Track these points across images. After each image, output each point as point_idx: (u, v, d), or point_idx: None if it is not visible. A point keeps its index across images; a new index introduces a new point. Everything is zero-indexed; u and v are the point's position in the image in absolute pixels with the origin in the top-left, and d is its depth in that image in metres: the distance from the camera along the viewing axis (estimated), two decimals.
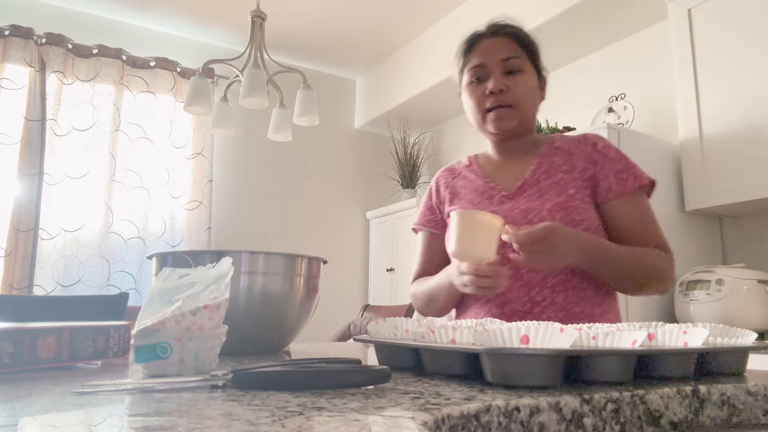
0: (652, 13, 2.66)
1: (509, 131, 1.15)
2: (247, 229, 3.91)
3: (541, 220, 1.06)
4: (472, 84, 1.16)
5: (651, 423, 0.51)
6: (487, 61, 1.14)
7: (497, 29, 1.18)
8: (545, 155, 1.18)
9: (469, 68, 1.17)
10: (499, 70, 1.13)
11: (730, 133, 2.06)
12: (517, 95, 1.12)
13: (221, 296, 0.63)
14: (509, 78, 1.12)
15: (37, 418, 0.38)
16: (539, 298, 1.06)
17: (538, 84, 1.17)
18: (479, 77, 1.15)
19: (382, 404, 0.42)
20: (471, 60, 1.17)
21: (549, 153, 1.18)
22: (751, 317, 1.90)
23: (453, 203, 1.24)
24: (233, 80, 2.53)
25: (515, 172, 1.18)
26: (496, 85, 1.11)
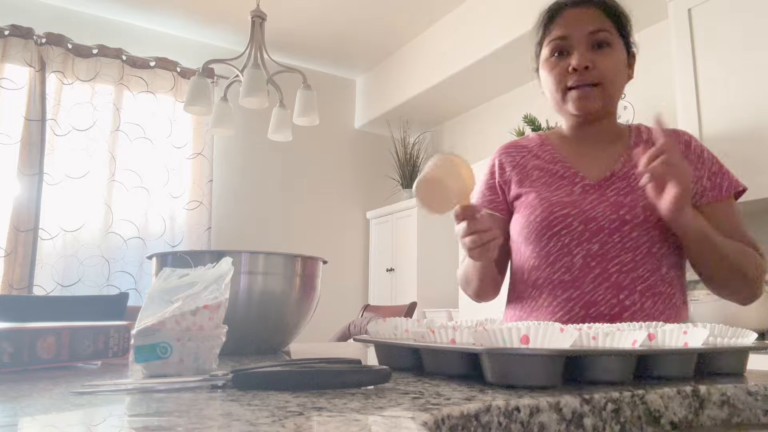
0: (652, 13, 2.66)
1: (593, 113, 1.04)
2: (247, 229, 3.91)
3: (634, 218, 0.97)
4: (553, 58, 1.03)
5: (651, 423, 0.50)
6: (571, 33, 1.01)
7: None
8: (634, 147, 1.06)
9: (550, 40, 1.04)
10: (585, 45, 1.01)
11: (730, 133, 2.06)
12: (604, 73, 1.00)
13: (221, 296, 0.63)
14: (595, 53, 1.00)
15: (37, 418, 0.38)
16: (629, 302, 0.97)
17: (626, 61, 1.07)
18: (561, 51, 1.02)
19: (382, 404, 0.42)
20: (552, 31, 1.04)
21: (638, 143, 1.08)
22: (751, 317, 1.90)
23: (523, 185, 1.10)
24: (233, 80, 2.53)
25: (600, 160, 1.07)
26: (581, 62, 0.99)
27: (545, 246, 1.03)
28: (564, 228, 1.00)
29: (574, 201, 1.02)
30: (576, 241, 1.00)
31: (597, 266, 0.98)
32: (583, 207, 1.01)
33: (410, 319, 0.73)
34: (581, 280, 0.99)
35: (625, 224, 0.98)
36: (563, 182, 1.06)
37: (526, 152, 1.15)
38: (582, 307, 0.98)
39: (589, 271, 0.99)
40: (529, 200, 1.07)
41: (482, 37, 3.21)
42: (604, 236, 0.99)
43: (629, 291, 0.97)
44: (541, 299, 1.04)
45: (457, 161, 0.83)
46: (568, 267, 1.00)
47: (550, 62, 1.04)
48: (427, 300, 3.60)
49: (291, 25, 3.73)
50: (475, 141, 4.02)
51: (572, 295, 0.99)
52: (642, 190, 0.97)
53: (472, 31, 3.29)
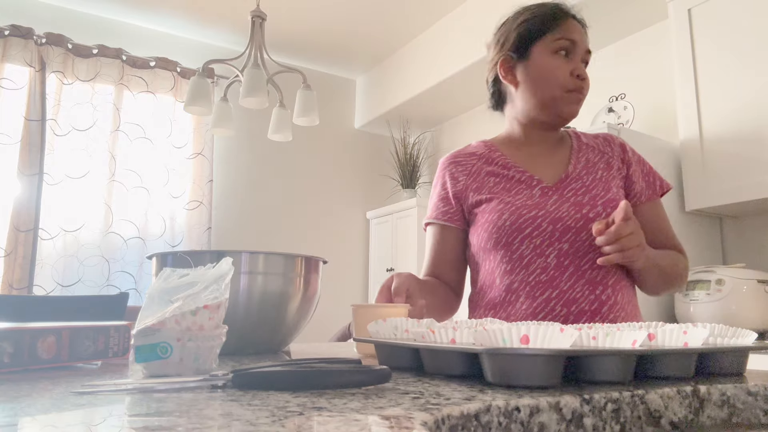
0: (652, 13, 2.66)
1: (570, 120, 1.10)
2: (247, 229, 3.91)
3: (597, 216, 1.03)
4: (559, 55, 1.07)
5: (651, 423, 0.51)
6: (578, 41, 1.07)
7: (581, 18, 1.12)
8: (578, 150, 1.14)
9: (559, 37, 1.07)
10: (581, 58, 1.08)
11: (730, 133, 2.06)
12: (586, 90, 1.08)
13: (221, 296, 0.63)
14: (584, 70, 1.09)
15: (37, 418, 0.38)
16: (604, 296, 1.02)
17: None
18: (566, 50, 1.07)
19: (382, 404, 0.42)
20: (561, 30, 1.07)
21: (581, 148, 1.15)
22: (751, 317, 1.90)
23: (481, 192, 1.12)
24: (233, 80, 2.53)
25: (550, 164, 1.12)
26: (584, 73, 1.07)
27: (517, 249, 1.05)
28: (534, 230, 1.04)
29: (538, 203, 1.06)
30: (547, 241, 1.03)
31: (570, 264, 1.02)
32: (548, 208, 1.05)
33: (410, 319, 0.73)
34: (558, 279, 1.02)
35: (590, 222, 1.03)
36: (521, 186, 1.10)
37: (475, 159, 1.17)
38: (563, 305, 1.01)
39: (564, 270, 1.02)
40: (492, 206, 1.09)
41: (482, 37, 3.20)
42: (572, 235, 1.03)
43: (603, 286, 1.02)
44: (519, 302, 1.05)
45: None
46: (543, 267, 1.03)
47: (557, 58, 1.07)
48: None
49: (291, 25, 3.73)
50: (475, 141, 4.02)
51: (552, 295, 1.02)
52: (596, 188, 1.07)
53: (472, 32, 3.29)
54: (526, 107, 1.12)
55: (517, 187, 1.10)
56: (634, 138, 2.21)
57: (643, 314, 2.06)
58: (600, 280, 1.02)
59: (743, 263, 2.10)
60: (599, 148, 1.16)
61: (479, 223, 1.11)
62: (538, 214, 1.04)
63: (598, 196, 1.06)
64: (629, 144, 1.20)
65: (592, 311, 1.01)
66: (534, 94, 1.09)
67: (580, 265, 1.02)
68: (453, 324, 0.66)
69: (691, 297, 1.99)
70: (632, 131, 2.26)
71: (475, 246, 1.13)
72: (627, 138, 2.18)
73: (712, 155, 2.11)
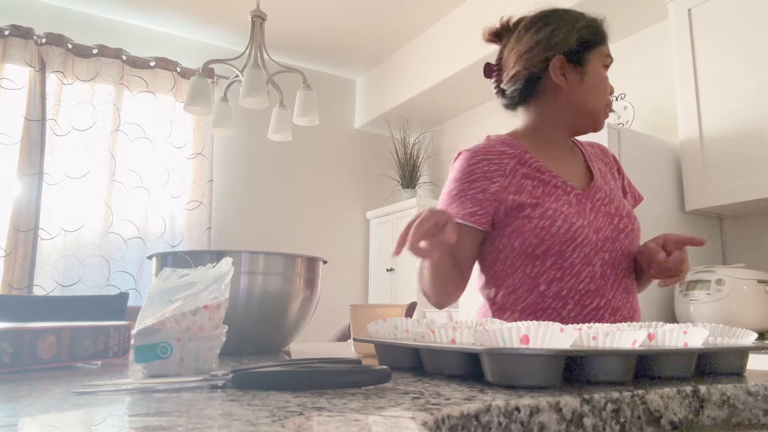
0: (652, 13, 2.66)
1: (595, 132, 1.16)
2: (247, 229, 3.91)
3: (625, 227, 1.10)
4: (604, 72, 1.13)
5: (651, 423, 0.51)
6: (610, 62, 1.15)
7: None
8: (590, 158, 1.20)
9: (604, 55, 1.12)
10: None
11: (730, 133, 2.06)
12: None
13: (221, 296, 0.63)
14: None
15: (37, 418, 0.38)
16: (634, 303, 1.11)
17: None
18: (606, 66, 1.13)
19: (382, 404, 0.42)
20: (604, 48, 1.13)
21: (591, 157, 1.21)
22: (751, 317, 1.90)
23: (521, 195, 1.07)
24: (233, 80, 2.53)
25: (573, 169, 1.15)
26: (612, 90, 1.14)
27: (569, 257, 1.03)
28: (585, 239, 1.05)
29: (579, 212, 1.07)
30: (594, 250, 1.05)
31: (611, 273, 1.06)
32: (589, 217, 1.07)
33: (410, 319, 0.73)
34: (603, 288, 1.05)
35: (621, 232, 1.08)
36: (559, 192, 1.08)
37: (507, 158, 1.11)
38: (610, 314, 1.05)
39: (608, 279, 1.06)
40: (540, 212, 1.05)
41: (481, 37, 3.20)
42: (610, 244, 1.07)
43: (632, 293, 1.09)
44: (566, 310, 1.03)
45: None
46: (592, 276, 1.04)
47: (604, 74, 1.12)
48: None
49: (291, 25, 3.73)
50: (475, 141, 4.02)
51: (600, 304, 1.04)
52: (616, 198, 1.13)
53: (472, 31, 3.29)
54: (570, 111, 1.11)
55: (555, 192, 1.08)
56: (634, 138, 2.21)
57: (643, 314, 2.06)
58: (630, 287, 1.09)
59: (743, 263, 2.10)
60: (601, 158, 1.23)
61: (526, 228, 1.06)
62: (584, 224, 1.05)
63: (621, 206, 1.12)
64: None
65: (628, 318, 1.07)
66: (584, 101, 1.10)
67: (618, 274, 1.07)
68: (453, 324, 0.66)
69: (691, 297, 1.99)
70: (632, 131, 2.26)
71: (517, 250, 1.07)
72: (627, 138, 2.18)
73: (712, 155, 2.10)
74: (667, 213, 2.19)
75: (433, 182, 4.36)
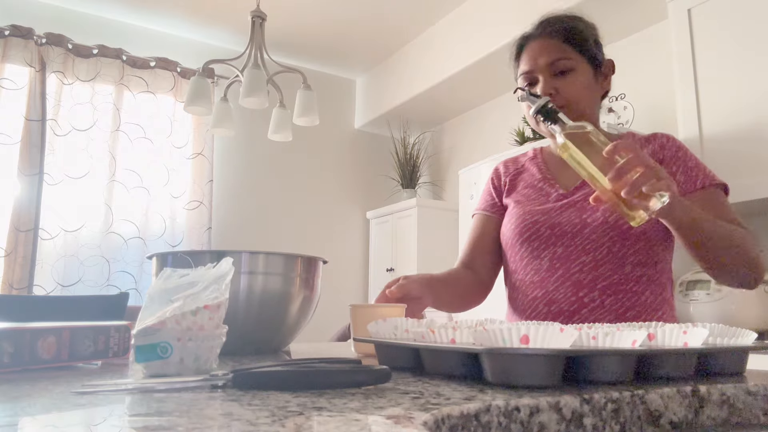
0: (652, 13, 2.66)
1: None
2: (247, 229, 3.92)
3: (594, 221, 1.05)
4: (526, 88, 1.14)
5: (651, 423, 0.51)
6: (534, 65, 1.10)
7: (543, 29, 1.13)
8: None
9: (520, 73, 1.14)
10: (548, 73, 1.09)
11: (729, 132, 2.06)
12: (568, 96, 1.07)
13: (221, 296, 0.63)
14: (559, 79, 1.08)
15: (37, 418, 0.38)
16: (587, 299, 1.04)
17: (594, 77, 1.12)
18: (530, 82, 1.12)
19: (382, 404, 0.42)
20: (521, 65, 1.14)
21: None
22: (751, 317, 1.90)
23: (510, 195, 1.22)
24: (233, 80, 2.53)
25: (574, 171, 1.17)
26: (545, 90, 1.08)
27: (518, 251, 1.14)
28: (533, 234, 1.11)
29: (545, 209, 1.12)
30: (544, 245, 1.10)
31: (561, 267, 1.07)
32: (551, 214, 1.11)
33: (410, 319, 0.73)
34: (547, 280, 1.08)
35: (586, 227, 1.06)
36: (540, 193, 1.17)
37: (520, 165, 1.27)
38: (545, 305, 1.08)
39: (554, 272, 1.08)
40: (509, 211, 1.20)
41: (482, 37, 3.21)
42: (567, 239, 1.07)
43: (589, 289, 1.04)
44: (518, 299, 1.15)
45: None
46: (537, 269, 1.10)
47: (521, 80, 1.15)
48: None
49: (291, 25, 3.73)
50: (475, 141, 4.02)
51: (538, 294, 1.09)
52: None
53: (472, 31, 3.29)
54: None
55: (537, 194, 1.17)
56: None
57: None
58: (587, 283, 1.04)
59: None
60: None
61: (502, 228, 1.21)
62: (539, 220, 1.11)
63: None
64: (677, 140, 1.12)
65: (571, 311, 1.05)
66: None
67: (569, 268, 1.06)
68: (453, 324, 0.66)
69: (691, 297, 1.99)
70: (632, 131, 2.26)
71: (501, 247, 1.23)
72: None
73: (712, 155, 2.10)
74: None
75: (433, 182, 4.36)
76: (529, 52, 1.12)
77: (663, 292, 1.09)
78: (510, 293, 1.19)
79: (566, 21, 1.13)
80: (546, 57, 1.09)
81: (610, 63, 1.16)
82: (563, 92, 1.07)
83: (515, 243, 1.14)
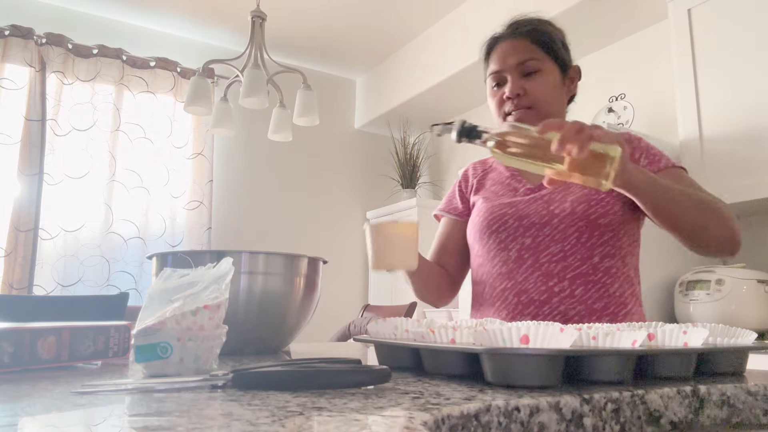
0: (652, 13, 2.66)
1: None
2: (247, 229, 3.91)
3: (562, 212, 1.07)
4: (494, 89, 1.16)
5: (651, 423, 0.51)
6: (503, 66, 1.13)
7: (513, 30, 1.16)
8: None
9: (489, 74, 1.17)
10: (516, 74, 1.12)
11: (730, 133, 2.06)
12: (535, 97, 1.10)
13: (221, 296, 0.63)
14: (527, 80, 1.11)
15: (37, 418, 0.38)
16: (557, 288, 1.05)
17: (561, 80, 1.14)
18: (498, 82, 1.15)
19: (382, 404, 0.42)
20: (490, 66, 1.17)
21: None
22: (751, 317, 1.90)
23: (478, 193, 1.25)
24: (233, 80, 2.53)
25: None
26: (513, 90, 1.10)
27: (486, 243, 1.16)
28: (501, 226, 1.13)
29: (513, 202, 1.15)
30: (511, 236, 1.11)
31: (530, 258, 1.08)
32: (519, 206, 1.13)
33: (410, 319, 0.73)
34: (516, 271, 1.10)
35: (554, 218, 1.08)
36: (508, 188, 1.20)
37: (487, 166, 1.30)
38: (515, 295, 1.09)
39: (523, 263, 1.09)
40: (477, 207, 1.22)
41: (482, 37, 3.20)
42: (535, 230, 1.09)
43: (558, 278, 1.05)
44: (485, 293, 1.16)
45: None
46: (505, 260, 1.12)
47: (492, 93, 1.17)
48: None
49: (291, 25, 3.73)
50: None
51: (507, 285, 1.10)
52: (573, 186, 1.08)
53: (472, 31, 3.29)
54: None
55: (505, 189, 1.20)
56: None
57: None
58: (557, 273, 1.06)
59: (743, 263, 2.10)
60: None
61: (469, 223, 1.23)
62: (507, 212, 1.13)
63: (573, 192, 1.09)
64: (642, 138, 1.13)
65: (541, 301, 1.06)
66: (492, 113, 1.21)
67: (538, 259, 1.07)
68: (453, 324, 0.66)
69: (691, 297, 1.99)
70: (632, 131, 2.27)
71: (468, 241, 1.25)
72: None
73: (712, 155, 2.10)
74: None
75: (433, 182, 4.36)
76: (498, 52, 1.15)
77: (632, 287, 1.10)
78: (476, 289, 1.20)
79: (536, 23, 1.16)
80: (515, 57, 1.12)
81: (577, 68, 1.19)
82: (531, 93, 1.10)
83: (483, 236, 1.16)
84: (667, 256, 2.15)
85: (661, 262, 2.13)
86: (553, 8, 2.70)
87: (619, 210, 1.07)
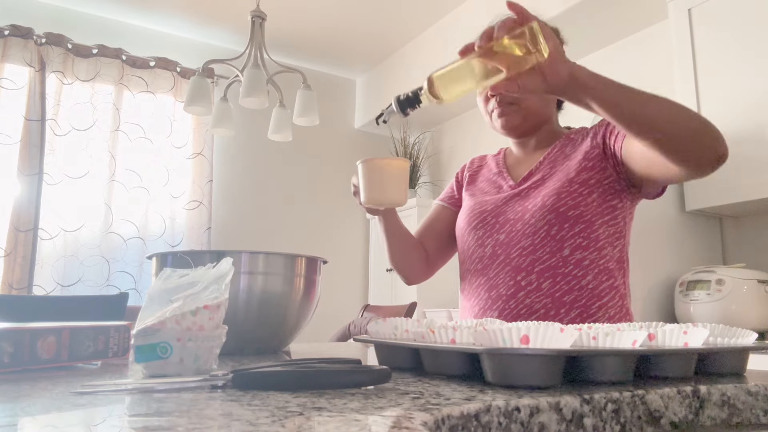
0: (652, 13, 2.66)
1: (516, 128, 1.16)
2: (247, 229, 3.91)
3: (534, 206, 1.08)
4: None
5: (651, 423, 0.51)
6: None
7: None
8: (557, 146, 1.17)
9: None
10: None
11: (730, 133, 2.05)
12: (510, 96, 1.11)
13: (221, 296, 0.63)
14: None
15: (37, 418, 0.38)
16: (524, 282, 1.05)
17: None
18: None
19: (382, 404, 0.42)
20: None
21: (562, 144, 1.17)
22: (751, 317, 1.90)
23: (468, 188, 1.29)
24: (233, 80, 2.53)
25: (528, 164, 1.20)
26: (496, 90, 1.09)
27: (466, 241, 1.18)
28: (480, 223, 1.16)
29: (494, 200, 1.17)
30: (488, 233, 1.13)
31: (502, 253, 1.10)
32: (498, 204, 1.15)
33: (410, 319, 0.73)
34: (489, 267, 1.12)
35: (527, 213, 1.09)
36: (494, 186, 1.22)
37: (482, 163, 1.33)
38: (486, 290, 1.11)
39: (496, 258, 1.11)
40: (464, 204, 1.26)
41: None
42: (509, 226, 1.11)
43: (526, 272, 1.06)
44: (465, 290, 1.19)
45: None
46: (481, 257, 1.14)
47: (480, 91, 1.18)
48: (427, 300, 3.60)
49: (291, 25, 3.73)
50: (475, 141, 4.02)
51: (481, 281, 1.13)
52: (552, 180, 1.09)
53: (472, 32, 3.29)
54: None
55: (491, 186, 1.23)
56: None
57: (643, 314, 2.05)
58: (525, 267, 1.06)
59: (743, 263, 2.10)
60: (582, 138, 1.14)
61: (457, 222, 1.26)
62: (487, 210, 1.16)
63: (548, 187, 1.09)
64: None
65: (508, 295, 1.07)
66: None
67: (509, 254, 1.09)
68: (453, 324, 0.66)
69: (691, 297, 1.99)
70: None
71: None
72: None
73: None
74: (667, 213, 2.19)
75: (433, 182, 4.36)
76: None
77: (611, 279, 1.06)
78: (461, 286, 1.23)
79: None
80: None
81: None
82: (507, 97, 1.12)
83: (465, 233, 1.19)
84: (668, 256, 2.15)
85: (661, 262, 2.13)
86: (553, 8, 2.70)
87: (594, 201, 1.05)
